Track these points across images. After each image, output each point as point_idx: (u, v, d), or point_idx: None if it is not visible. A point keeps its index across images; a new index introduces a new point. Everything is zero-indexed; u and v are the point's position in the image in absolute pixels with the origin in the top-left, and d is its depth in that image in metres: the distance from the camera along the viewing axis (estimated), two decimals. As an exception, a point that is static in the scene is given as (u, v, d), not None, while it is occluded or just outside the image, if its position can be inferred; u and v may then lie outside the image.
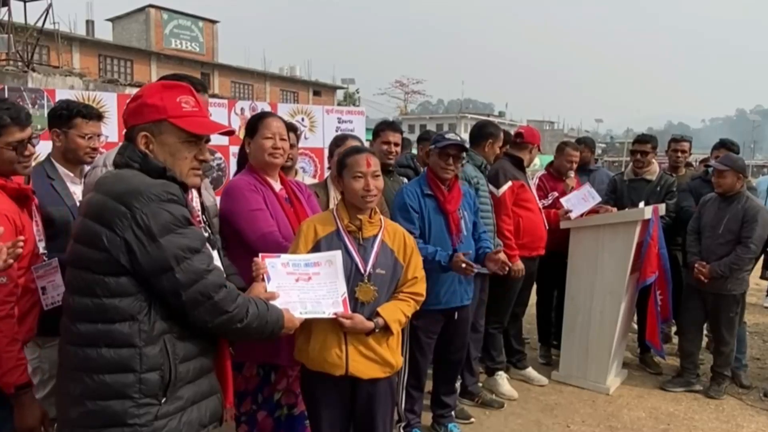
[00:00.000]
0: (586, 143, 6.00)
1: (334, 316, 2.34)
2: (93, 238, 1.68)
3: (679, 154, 5.53)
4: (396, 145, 4.07)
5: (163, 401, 1.72)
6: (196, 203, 2.38)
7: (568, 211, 4.67)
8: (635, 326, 5.48)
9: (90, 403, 1.69)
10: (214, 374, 1.92)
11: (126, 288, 1.69)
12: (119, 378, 1.68)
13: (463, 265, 3.25)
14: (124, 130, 1.89)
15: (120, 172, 1.80)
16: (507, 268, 3.48)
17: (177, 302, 1.72)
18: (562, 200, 4.75)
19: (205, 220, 2.38)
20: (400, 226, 2.79)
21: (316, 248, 2.49)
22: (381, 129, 4.15)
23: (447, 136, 3.53)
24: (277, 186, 2.86)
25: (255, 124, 2.84)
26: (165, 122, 1.82)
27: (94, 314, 1.69)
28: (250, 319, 1.85)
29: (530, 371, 4.88)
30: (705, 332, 5.53)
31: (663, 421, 4.20)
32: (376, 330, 2.49)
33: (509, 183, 4.36)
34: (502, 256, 3.36)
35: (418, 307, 2.69)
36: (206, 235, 2.37)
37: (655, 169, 5.21)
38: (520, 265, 4.33)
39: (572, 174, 5.10)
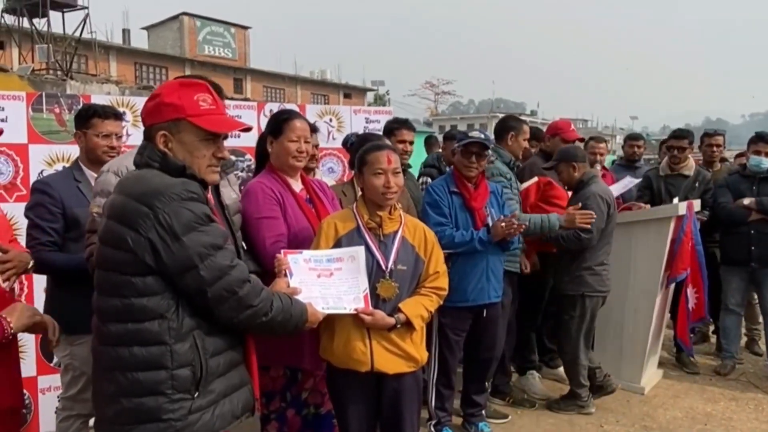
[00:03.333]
0: (642, 138, 6.07)
1: (355, 312, 2.36)
2: (118, 240, 1.71)
3: (714, 148, 5.42)
4: (411, 143, 4.09)
5: (195, 396, 1.76)
6: (212, 201, 2.40)
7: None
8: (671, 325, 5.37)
9: (125, 400, 1.72)
10: (243, 366, 1.94)
11: (153, 287, 1.71)
12: (152, 375, 1.71)
13: (503, 225, 3.28)
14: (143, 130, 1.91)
15: (140, 173, 1.83)
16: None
17: (202, 299, 1.75)
18: None
19: (225, 218, 2.41)
20: (420, 222, 2.80)
21: (337, 245, 2.51)
22: (396, 128, 4.12)
23: (470, 134, 3.55)
24: (297, 186, 2.84)
25: (280, 125, 2.79)
26: (183, 121, 1.83)
27: (123, 314, 1.72)
28: (275, 312, 1.87)
29: (562, 370, 4.81)
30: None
31: (700, 422, 4.10)
32: (398, 326, 2.49)
33: (534, 179, 4.34)
34: (507, 220, 3.34)
35: (441, 302, 2.69)
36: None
37: (691, 164, 5.11)
38: (533, 260, 4.30)
39: (599, 167, 5.01)
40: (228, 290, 1.76)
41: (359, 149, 2.76)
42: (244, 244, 2.56)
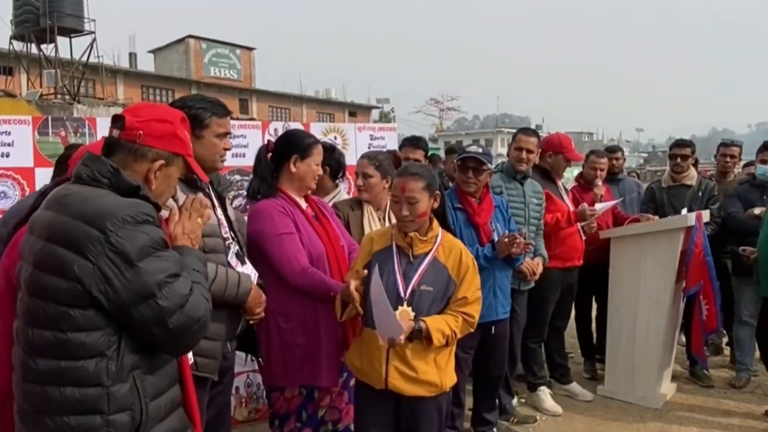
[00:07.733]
0: (620, 150, 5.94)
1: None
2: (60, 266, 1.51)
3: (728, 159, 5.37)
4: (418, 161, 4.15)
5: None
6: (221, 216, 2.40)
7: (591, 210, 4.26)
8: (684, 338, 5.30)
9: None
10: (182, 408, 1.78)
11: (94, 321, 1.53)
12: (85, 420, 1.52)
13: (506, 240, 3.22)
14: (135, 142, 1.71)
15: (85, 191, 1.61)
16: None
17: (161, 331, 1.56)
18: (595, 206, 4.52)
19: (233, 234, 2.40)
20: (459, 243, 2.72)
21: (370, 261, 2.53)
22: (402, 145, 4.19)
23: (468, 149, 3.54)
24: (303, 205, 2.86)
25: (309, 147, 2.78)
26: (181, 157, 1.79)
27: (57, 350, 1.52)
28: (207, 310, 1.69)
29: (574, 386, 4.75)
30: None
31: (716, 436, 4.03)
32: (417, 328, 2.41)
33: None
34: (511, 236, 3.24)
35: (470, 329, 2.61)
36: (236, 248, 2.39)
37: (693, 174, 5.07)
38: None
39: (599, 182, 4.95)
40: (192, 317, 1.60)
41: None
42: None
